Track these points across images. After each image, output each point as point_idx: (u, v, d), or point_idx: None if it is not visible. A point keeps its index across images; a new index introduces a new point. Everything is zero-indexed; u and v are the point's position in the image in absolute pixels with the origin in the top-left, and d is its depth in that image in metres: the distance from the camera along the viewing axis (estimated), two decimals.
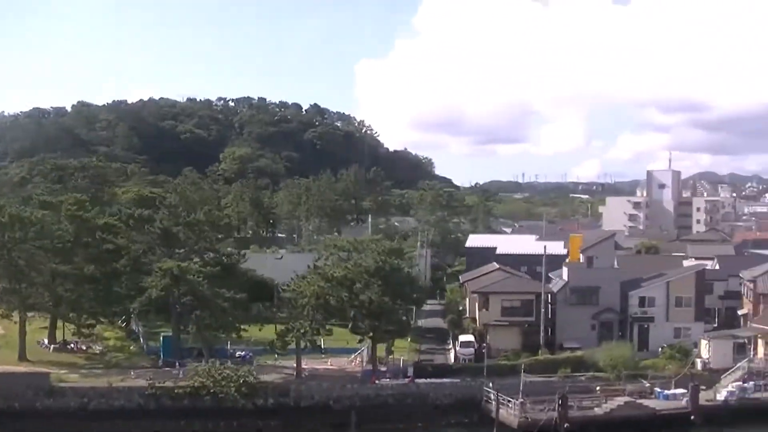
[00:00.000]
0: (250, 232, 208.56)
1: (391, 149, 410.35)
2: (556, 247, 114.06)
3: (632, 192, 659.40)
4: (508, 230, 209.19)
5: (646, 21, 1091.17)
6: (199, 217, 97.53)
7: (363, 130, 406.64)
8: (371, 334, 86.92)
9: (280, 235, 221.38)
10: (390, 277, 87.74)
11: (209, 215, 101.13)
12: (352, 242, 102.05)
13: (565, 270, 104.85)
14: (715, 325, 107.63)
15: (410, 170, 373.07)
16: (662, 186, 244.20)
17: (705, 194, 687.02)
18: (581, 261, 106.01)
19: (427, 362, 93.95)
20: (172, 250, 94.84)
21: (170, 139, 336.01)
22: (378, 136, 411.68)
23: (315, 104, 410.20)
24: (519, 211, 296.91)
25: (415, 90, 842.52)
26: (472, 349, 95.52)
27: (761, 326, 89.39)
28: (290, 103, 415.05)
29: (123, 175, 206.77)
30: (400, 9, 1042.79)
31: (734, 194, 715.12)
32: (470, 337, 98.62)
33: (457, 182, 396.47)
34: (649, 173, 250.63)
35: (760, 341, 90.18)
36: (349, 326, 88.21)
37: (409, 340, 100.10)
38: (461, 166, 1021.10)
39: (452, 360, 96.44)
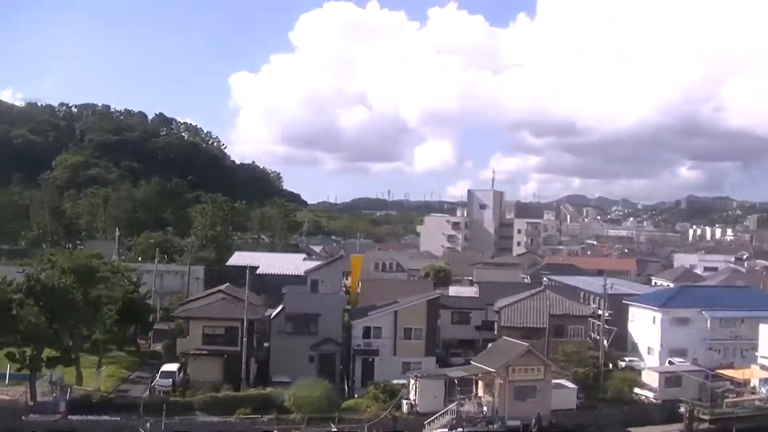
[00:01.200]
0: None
1: (238, 162, 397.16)
2: None
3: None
4: (318, 248, 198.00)
5: (520, 46, 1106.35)
6: None
7: (210, 142, 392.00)
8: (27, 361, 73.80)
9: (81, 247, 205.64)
10: (46, 296, 74.34)
11: None
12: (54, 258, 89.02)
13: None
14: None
15: (256, 184, 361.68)
16: (483, 206, 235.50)
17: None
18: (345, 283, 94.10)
19: (122, 393, 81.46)
20: None
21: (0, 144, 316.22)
22: (225, 148, 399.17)
23: (161, 113, 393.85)
24: (350, 228, 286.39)
25: (288, 105, 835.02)
26: (170, 380, 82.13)
27: (480, 365, 78.38)
28: (135, 112, 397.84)
29: None
30: (277, 24, 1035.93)
31: (599, 217, 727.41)
32: (174, 367, 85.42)
33: (319, 199, 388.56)
34: (470, 193, 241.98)
35: (480, 382, 79.35)
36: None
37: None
38: (335, 183, 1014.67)
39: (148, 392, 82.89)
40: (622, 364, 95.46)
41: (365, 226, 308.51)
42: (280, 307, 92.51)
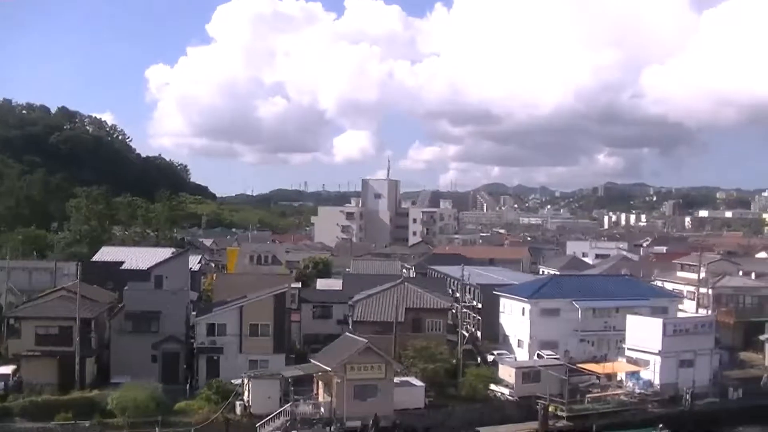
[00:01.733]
0: None
1: (144, 155, 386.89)
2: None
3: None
4: (209, 241, 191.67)
5: (437, 36, 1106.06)
6: None
7: (115, 135, 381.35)
8: None
9: None
10: None
11: None
12: None
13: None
14: None
15: (161, 178, 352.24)
16: (378, 196, 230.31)
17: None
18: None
19: None
20: None
21: None
22: (130, 141, 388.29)
23: (63, 107, 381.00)
24: (252, 221, 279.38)
25: (206, 97, 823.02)
26: (2, 384, 75.28)
27: (318, 363, 73.03)
28: (38, 105, 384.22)
29: None
30: (193, 16, 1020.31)
31: (516, 205, 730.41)
32: (8, 369, 78.53)
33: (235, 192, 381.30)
34: (364, 182, 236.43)
35: (320, 382, 74.08)
36: None
37: None
38: (256, 175, 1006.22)
39: None
40: (491, 357, 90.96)
41: (273, 218, 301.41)
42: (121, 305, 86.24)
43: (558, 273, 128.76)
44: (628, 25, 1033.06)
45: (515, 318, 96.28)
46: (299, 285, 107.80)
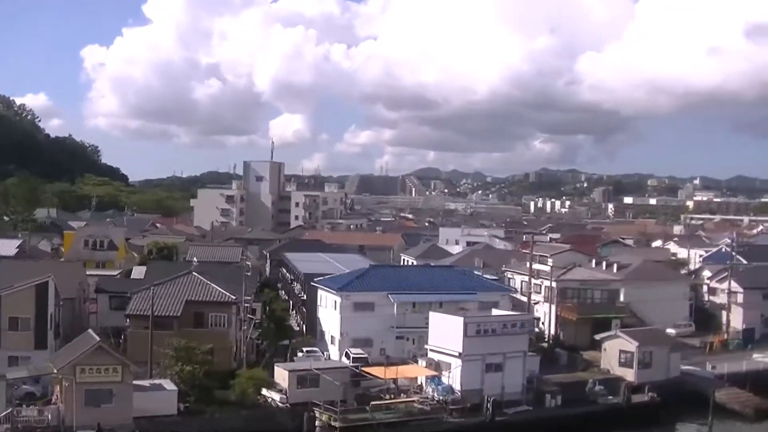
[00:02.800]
0: None
1: (53, 135, 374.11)
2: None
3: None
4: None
5: (374, 19, 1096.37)
6: None
7: (24, 115, 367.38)
8: None
9: None
10: None
11: None
12: None
13: None
14: None
15: (70, 159, 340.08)
16: (260, 178, 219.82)
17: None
18: None
19: None
20: None
21: None
22: (39, 121, 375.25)
23: None
24: (149, 203, 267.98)
25: (141, 78, 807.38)
26: None
27: (50, 364, 63.58)
28: None
29: None
30: None
31: (446, 190, 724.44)
32: None
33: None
34: (246, 164, 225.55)
35: (57, 386, 64.43)
36: None
37: None
38: (190, 156, 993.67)
39: None
40: (300, 355, 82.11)
41: (179, 201, 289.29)
42: None
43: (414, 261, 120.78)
44: (565, 11, 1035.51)
45: (329, 312, 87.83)
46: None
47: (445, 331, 73.49)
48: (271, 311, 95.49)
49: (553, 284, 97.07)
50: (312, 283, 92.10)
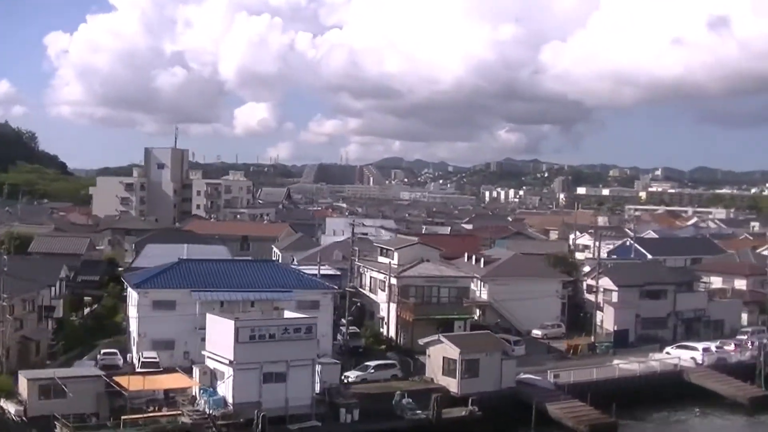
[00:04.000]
0: None
1: None
2: None
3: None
4: None
5: (340, 8, 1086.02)
6: None
7: None
8: None
9: None
10: None
11: None
12: None
13: None
14: None
15: (4, 146, 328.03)
16: (162, 166, 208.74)
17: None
18: None
19: None
20: None
21: None
22: None
23: None
24: (67, 191, 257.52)
25: (106, 65, 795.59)
26: None
27: None
28: None
29: None
30: None
31: (406, 179, 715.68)
32: None
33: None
34: (147, 151, 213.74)
35: None
36: None
37: None
38: (155, 144, 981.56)
39: None
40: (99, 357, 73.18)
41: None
42: None
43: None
44: (528, 2, 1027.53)
45: (133, 311, 78.11)
46: None
47: (219, 336, 64.18)
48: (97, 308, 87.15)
49: (393, 281, 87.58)
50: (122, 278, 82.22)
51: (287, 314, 70.14)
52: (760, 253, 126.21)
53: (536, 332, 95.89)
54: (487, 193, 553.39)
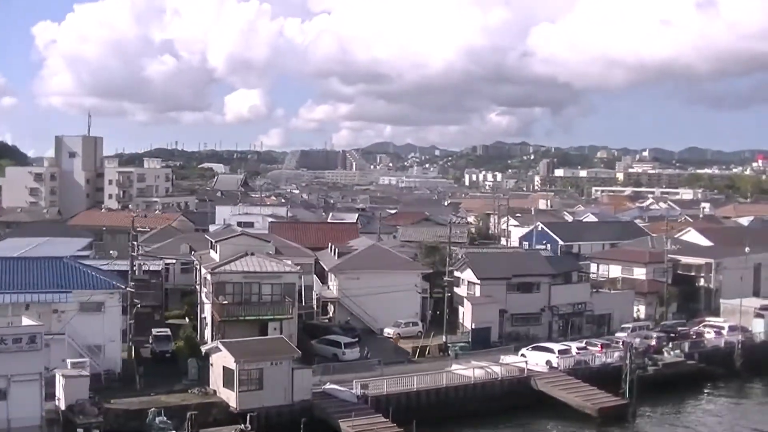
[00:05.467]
0: None
1: None
2: None
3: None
4: None
5: None
6: None
7: None
8: None
9: None
10: None
11: None
12: None
13: None
14: None
15: None
16: (73, 155, 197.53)
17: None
18: None
19: None
20: None
21: None
22: None
23: None
24: None
25: (94, 55, 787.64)
26: None
27: None
28: None
29: None
30: None
31: (391, 164, 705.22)
32: None
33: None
34: (58, 139, 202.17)
35: None
36: None
37: None
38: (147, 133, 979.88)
39: None
40: None
41: None
42: None
43: None
44: None
45: None
46: None
47: None
48: None
49: (208, 277, 77.29)
50: None
51: (25, 321, 60.13)
52: (666, 238, 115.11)
53: (388, 331, 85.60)
54: (467, 176, 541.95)
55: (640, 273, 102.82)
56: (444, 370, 72.16)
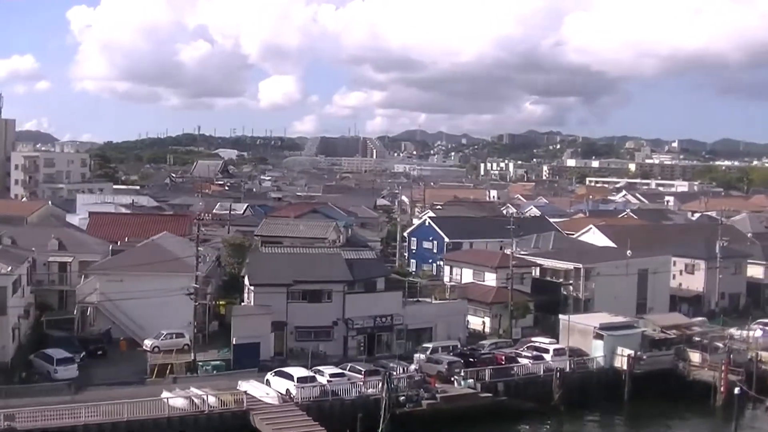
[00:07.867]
0: None
1: None
2: None
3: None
4: None
5: None
6: None
7: None
8: None
9: None
10: None
11: None
12: None
13: None
14: None
15: None
16: None
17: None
18: None
19: None
20: None
21: None
22: None
23: None
24: None
25: (129, 40, 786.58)
26: None
27: None
28: None
29: None
30: None
31: (415, 152, 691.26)
32: None
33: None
34: None
35: None
36: None
37: None
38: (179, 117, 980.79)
39: None
40: None
41: None
42: None
43: None
44: None
45: None
46: None
47: None
48: None
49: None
50: None
51: None
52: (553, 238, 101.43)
53: (147, 343, 72.96)
54: (482, 166, 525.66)
55: (490, 279, 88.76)
56: (153, 397, 59.22)
